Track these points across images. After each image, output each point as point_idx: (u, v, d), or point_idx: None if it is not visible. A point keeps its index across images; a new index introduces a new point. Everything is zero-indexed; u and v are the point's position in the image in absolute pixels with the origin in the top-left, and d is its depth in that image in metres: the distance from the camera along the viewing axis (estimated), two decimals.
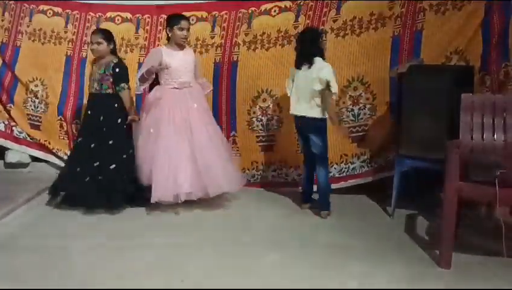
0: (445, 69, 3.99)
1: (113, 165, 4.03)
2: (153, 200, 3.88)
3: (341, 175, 4.47)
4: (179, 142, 4.00)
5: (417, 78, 3.76)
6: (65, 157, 4.96)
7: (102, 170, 4.03)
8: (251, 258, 3.13)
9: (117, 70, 4.08)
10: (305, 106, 3.85)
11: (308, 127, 3.90)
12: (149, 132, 4.08)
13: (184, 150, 3.98)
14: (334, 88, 3.70)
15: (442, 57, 4.11)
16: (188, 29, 4.13)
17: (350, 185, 4.45)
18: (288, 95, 4.01)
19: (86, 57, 4.96)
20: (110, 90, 4.11)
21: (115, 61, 4.11)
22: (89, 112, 4.17)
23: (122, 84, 4.09)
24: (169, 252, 3.22)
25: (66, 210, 4.01)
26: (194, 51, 4.49)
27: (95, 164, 4.05)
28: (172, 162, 3.95)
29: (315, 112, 3.82)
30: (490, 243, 3.22)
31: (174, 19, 4.13)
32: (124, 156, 4.10)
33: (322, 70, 3.72)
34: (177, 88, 4.09)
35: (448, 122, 3.55)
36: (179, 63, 4.09)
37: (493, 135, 3.27)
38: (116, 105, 4.11)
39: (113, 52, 4.22)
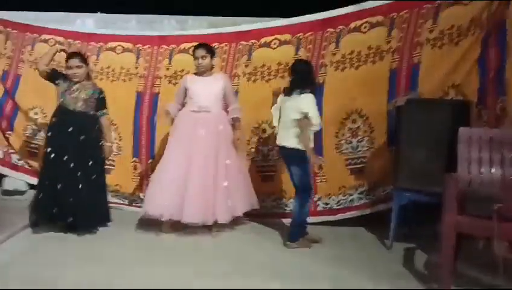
0: (442, 103, 4.03)
1: (92, 184, 4.15)
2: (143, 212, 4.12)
3: (339, 207, 4.46)
4: (181, 165, 4.10)
5: (415, 112, 3.80)
6: None
7: (81, 188, 4.07)
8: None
9: (101, 96, 4.25)
10: (285, 135, 3.88)
11: (288, 156, 3.93)
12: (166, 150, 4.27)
13: (179, 173, 4.08)
14: (313, 119, 3.69)
15: (439, 91, 4.16)
16: (204, 57, 4.21)
17: (348, 217, 4.43)
18: (274, 124, 4.07)
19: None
20: (91, 112, 4.20)
21: (99, 87, 4.30)
22: (71, 129, 4.11)
23: (105, 110, 4.27)
24: (167, 283, 3.16)
25: (59, 238, 4.00)
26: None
27: (73, 182, 4.06)
28: (164, 182, 4.10)
29: (294, 142, 3.81)
30: (489, 277, 3.19)
31: (193, 49, 4.31)
32: (98, 176, 4.22)
33: (302, 100, 3.74)
34: (194, 111, 4.19)
35: (445, 155, 3.56)
36: (201, 88, 4.21)
37: (490, 169, 3.28)
38: (97, 127, 4.24)
39: (89, 75, 4.33)
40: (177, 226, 4.10)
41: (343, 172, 4.45)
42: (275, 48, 4.73)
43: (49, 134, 4.21)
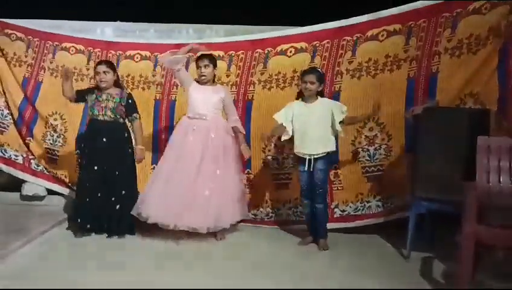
0: (461, 111, 4.00)
1: (123, 192, 4.23)
2: (144, 215, 4.13)
3: (356, 213, 4.45)
4: (170, 170, 4.20)
5: (433, 120, 3.78)
6: None
7: (114, 197, 4.21)
8: None
9: (130, 101, 4.31)
10: (318, 143, 4.01)
11: (323, 161, 4.04)
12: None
13: (163, 177, 4.19)
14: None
15: (457, 99, 4.13)
16: (206, 66, 4.26)
17: (365, 224, 4.41)
18: (285, 137, 4.14)
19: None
20: (121, 120, 4.28)
21: (128, 92, 4.36)
22: (104, 139, 4.21)
23: (135, 114, 4.32)
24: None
25: (79, 243, 4.05)
26: None
27: (110, 191, 4.21)
28: (153, 185, 4.21)
29: (331, 145, 4.06)
30: (509, 288, 3.15)
31: (196, 59, 4.38)
32: (129, 185, 4.31)
33: (331, 102, 4.10)
34: (190, 117, 4.26)
35: (464, 164, 3.53)
36: (200, 96, 4.25)
37: (510, 178, 3.24)
38: (127, 135, 4.33)
39: (117, 82, 4.38)
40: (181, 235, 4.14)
41: (360, 180, 4.44)
42: (290, 56, 4.75)
43: (83, 146, 4.36)
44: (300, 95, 4.12)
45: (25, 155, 5.37)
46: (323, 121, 3.98)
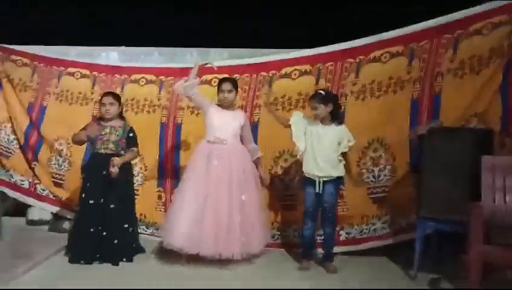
0: (465, 131, 4.00)
1: (125, 225, 4.24)
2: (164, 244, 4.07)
3: (362, 236, 4.43)
4: (195, 196, 4.09)
5: (437, 140, 3.79)
6: None
7: (113, 229, 4.17)
8: None
9: (131, 135, 4.32)
10: (329, 165, 4.02)
11: (331, 185, 4.04)
12: (183, 182, 4.29)
13: (197, 205, 4.06)
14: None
15: (461, 120, 4.14)
16: (230, 91, 4.26)
17: (371, 247, 4.39)
18: (301, 149, 4.09)
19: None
20: (122, 152, 4.28)
21: (130, 126, 4.37)
22: (104, 172, 4.17)
23: (135, 148, 4.34)
24: None
25: (85, 268, 4.02)
26: None
27: (115, 223, 4.18)
28: (183, 213, 4.07)
29: (341, 170, 4.06)
30: None
31: (219, 82, 4.38)
32: (130, 217, 4.34)
33: (344, 130, 4.06)
34: (210, 142, 4.22)
35: (469, 184, 3.54)
36: (221, 120, 4.24)
37: None
38: (128, 167, 4.34)
39: (120, 114, 4.41)
40: (194, 259, 4.05)
41: (365, 201, 4.43)
42: (295, 79, 4.80)
43: (84, 180, 4.33)
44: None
45: (30, 180, 5.40)
46: (336, 144, 3.98)
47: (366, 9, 5.94)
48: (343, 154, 4.03)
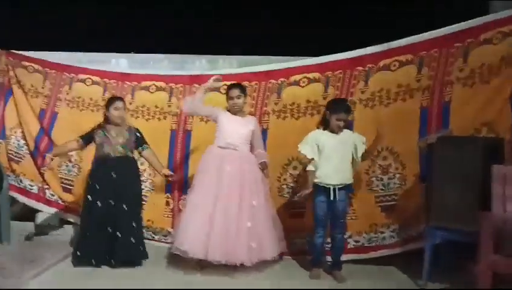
0: (474, 140, 3.97)
1: (134, 225, 4.26)
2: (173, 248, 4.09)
3: (370, 245, 4.41)
4: (207, 201, 4.09)
5: (447, 149, 3.77)
6: None
7: (121, 231, 4.19)
8: None
9: (138, 134, 4.41)
10: (343, 173, 4.04)
11: (345, 192, 4.07)
12: (194, 187, 4.28)
13: (208, 210, 4.06)
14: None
15: (471, 128, 4.12)
16: (238, 97, 4.27)
17: (379, 255, 4.36)
18: (312, 157, 4.06)
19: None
20: (131, 154, 4.34)
21: (135, 127, 4.46)
22: (113, 175, 4.24)
23: (145, 145, 4.41)
24: None
25: (94, 273, 4.05)
26: None
27: (124, 225, 4.21)
28: (196, 220, 4.07)
29: (351, 177, 4.10)
30: None
31: (227, 89, 4.37)
32: (138, 218, 4.36)
33: (358, 136, 4.10)
34: (221, 147, 4.22)
35: (479, 193, 3.52)
36: (232, 126, 4.25)
37: None
38: (137, 168, 4.42)
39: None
40: (204, 264, 4.07)
41: (373, 209, 4.41)
42: (303, 86, 4.80)
43: (91, 183, 4.31)
44: (323, 123, 4.11)
45: (40, 185, 5.42)
46: (348, 152, 4.00)
47: (375, 15, 5.95)
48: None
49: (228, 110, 4.37)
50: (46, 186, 5.40)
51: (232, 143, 4.22)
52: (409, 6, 6.09)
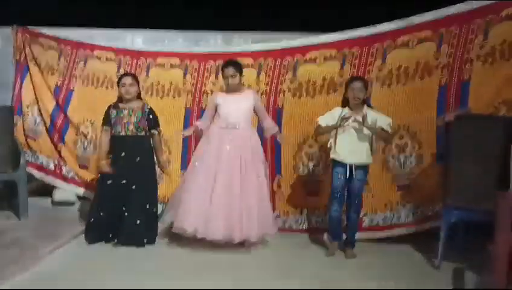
0: (493, 119, 3.93)
1: (147, 205, 4.25)
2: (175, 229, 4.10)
3: (385, 223, 4.40)
4: (207, 180, 4.10)
5: (465, 128, 3.74)
6: None
7: (134, 209, 4.18)
8: None
9: (151, 116, 4.33)
10: (360, 153, 3.98)
11: (361, 171, 4.02)
12: (194, 165, 4.25)
13: (208, 189, 4.08)
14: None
15: (490, 107, 4.06)
16: (233, 76, 4.18)
17: (395, 234, 4.35)
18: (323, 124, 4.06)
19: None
20: (143, 133, 4.29)
21: (149, 106, 4.37)
22: (123, 154, 4.24)
23: (155, 131, 4.35)
24: None
25: (106, 249, 4.10)
26: None
27: (136, 203, 4.20)
28: (196, 198, 4.08)
29: (370, 157, 4.03)
30: None
31: (222, 67, 4.31)
32: (152, 197, 4.34)
33: (379, 113, 4.02)
34: (222, 127, 4.20)
35: (497, 172, 3.49)
36: (230, 105, 4.21)
37: None
38: (149, 147, 4.35)
39: (139, 95, 4.41)
40: (210, 244, 4.06)
41: (389, 188, 4.40)
42: (319, 64, 4.74)
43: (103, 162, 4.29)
44: (345, 102, 4.04)
45: (56, 162, 5.48)
46: (368, 131, 3.91)
47: None
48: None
49: (224, 91, 4.33)
50: (63, 163, 5.45)
51: (232, 122, 4.19)
52: None
